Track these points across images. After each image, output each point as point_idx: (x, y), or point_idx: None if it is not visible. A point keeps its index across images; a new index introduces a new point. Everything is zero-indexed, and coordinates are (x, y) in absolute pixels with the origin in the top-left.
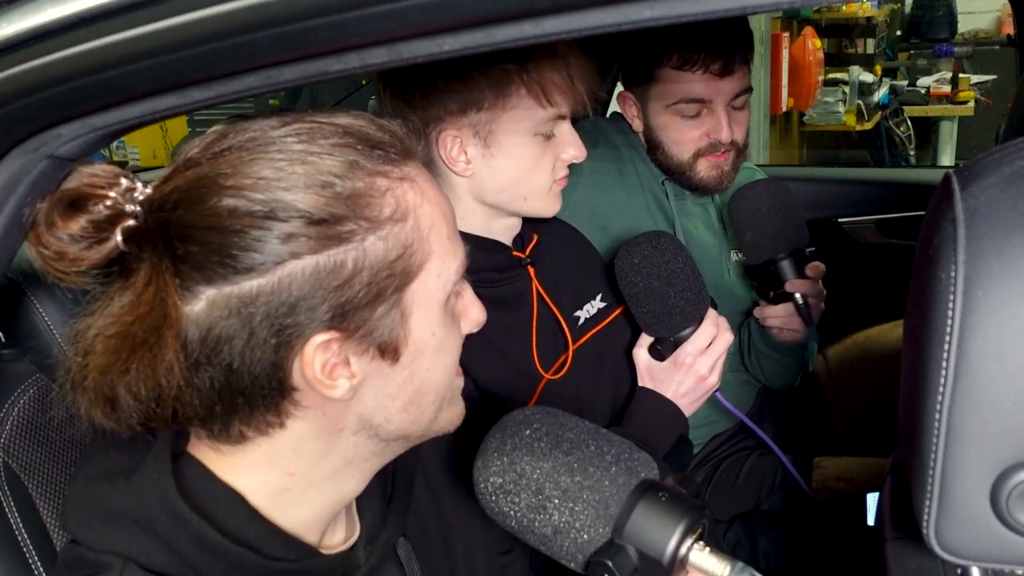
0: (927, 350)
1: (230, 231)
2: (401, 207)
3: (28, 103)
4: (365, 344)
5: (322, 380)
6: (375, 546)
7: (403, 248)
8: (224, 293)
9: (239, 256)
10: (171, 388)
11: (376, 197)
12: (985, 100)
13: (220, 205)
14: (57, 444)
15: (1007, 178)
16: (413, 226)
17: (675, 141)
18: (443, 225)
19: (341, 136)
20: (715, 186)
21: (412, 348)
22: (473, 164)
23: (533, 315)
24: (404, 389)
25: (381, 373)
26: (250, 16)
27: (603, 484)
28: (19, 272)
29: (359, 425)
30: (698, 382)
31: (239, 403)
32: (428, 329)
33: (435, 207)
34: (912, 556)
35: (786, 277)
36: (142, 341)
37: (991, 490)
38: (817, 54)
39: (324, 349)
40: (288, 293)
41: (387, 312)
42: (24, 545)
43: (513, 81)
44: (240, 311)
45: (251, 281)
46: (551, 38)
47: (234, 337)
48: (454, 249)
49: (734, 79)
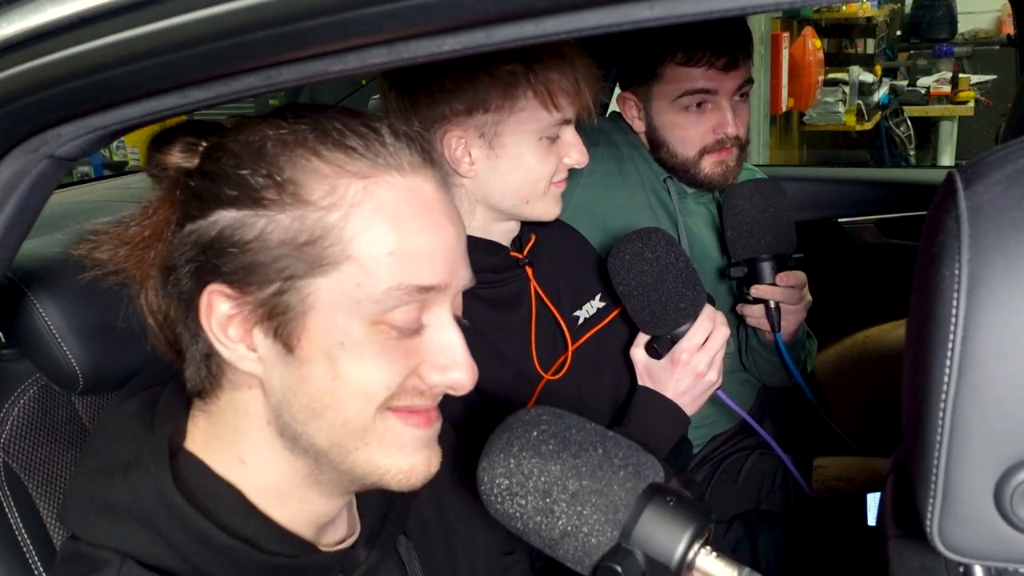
0: (931, 348)
1: (205, 174)
2: (334, 197)
3: (28, 103)
4: (260, 315)
5: (218, 335)
6: (375, 544)
7: (318, 235)
8: (185, 229)
9: (201, 198)
10: (152, 306)
11: (312, 179)
12: (985, 100)
13: (214, 150)
14: (57, 444)
15: (1011, 176)
16: (338, 220)
17: (680, 139)
18: (388, 238)
19: (340, 125)
20: (720, 182)
21: (311, 345)
22: (477, 166)
23: (532, 315)
24: (303, 388)
25: (282, 360)
26: (250, 16)
27: (612, 488)
28: (19, 272)
29: (277, 421)
30: (696, 379)
31: (187, 341)
32: (333, 335)
33: (386, 216)
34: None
35: (762, 280)
36: (135, 256)
37: (995, 488)
38: (817, 54)
39: (219, 300)
40: (208, 236)
41: (285, 291)
42: (24, 545)
43: (521, 84)
44: (184, 242)
45: (197, 222)
46: (551, 38)
47: (177, 264)
48: (395, 271)
49: (738, 72)
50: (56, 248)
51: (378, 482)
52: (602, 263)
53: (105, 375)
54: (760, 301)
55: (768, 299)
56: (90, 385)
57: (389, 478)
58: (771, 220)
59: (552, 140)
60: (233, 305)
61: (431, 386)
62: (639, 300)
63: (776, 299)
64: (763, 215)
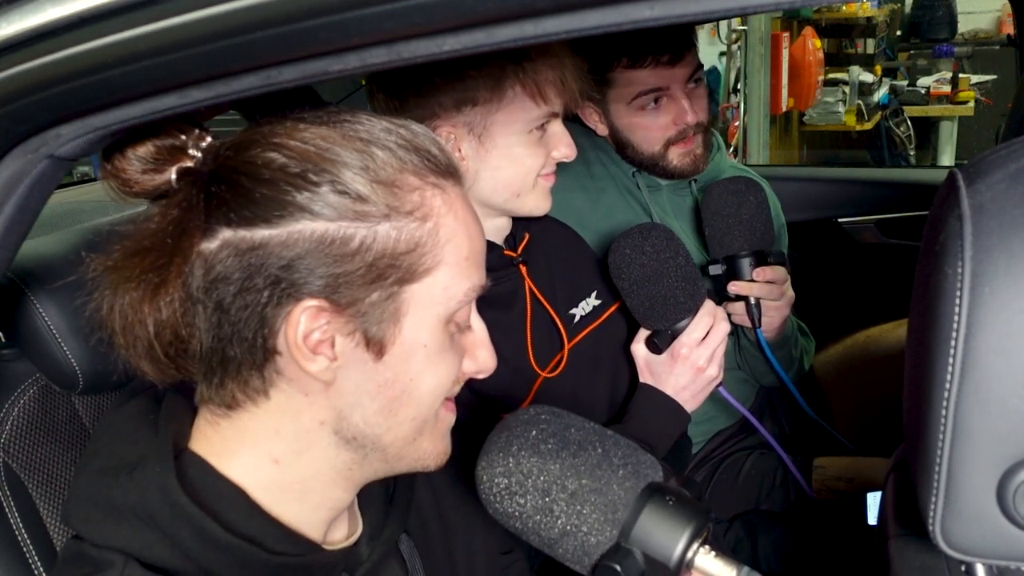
0: (933, 346)
1: (260, 179)
2: (424, 208)
3: (28, 103)
4: (353, 326)
5: (302, 348)
6: (377, 542)
7: (414, 245)
8: (238, 236)
9: (261, 204)
10: (169, 319)
11: (404, 191)
12: (985, 100)
13: (261, 155)
14: (57, 444)
15: (1013, 175)
16: (431, 230)
17: (643, 137)
18: (464, 244)
19: (399, 138)
20: (691, 170)
21: (399, 349)
22: (467, 161)
23: (527, 314)
24: (383, 391)
25: (364, 366)
26: (250, 16)
27: (611, 487)
28: (19, 272)
29: (337, 422)
30: (696, 374)
31: (227, 353)
32: (420, 337)
33: (461, 224)
34: (916, 553)
35: (740, 276)
36: (152, 262)
37: (997, 486)
38: (817, 54)
39: (312, 316)
40: (292, 249)
41: (381, 301)
42: (24, 545)
43: (509, 78)
44: (244, 254)
45: (264, 231)
46: (551, 38)
47: (231, 278)
48: (469, 273)
49: (686, 63)
50: (56, 248)
51: (418, 466)
52: (597, 261)
53: (105, 375)
54: (741, 298)
55: (747, 295)
56: (90, 385)
57: (430, 460)
58: (748, 217)
59: (540, 134)
60: (324, 318)
61: (464, 373)
62: (639, 295)
63: (755, 295)
64: (739, 212)
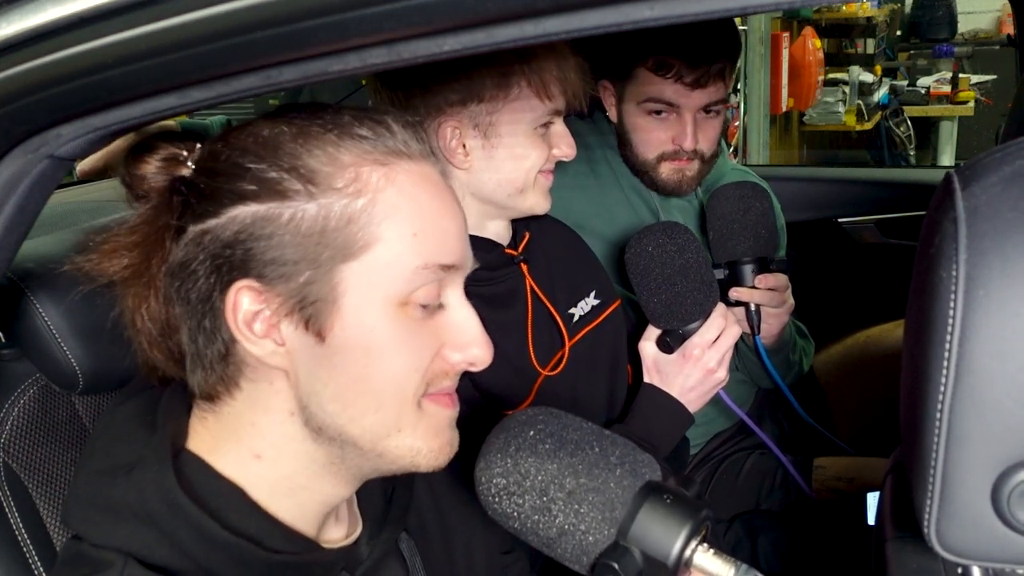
0: (928, 349)
1: (214, 173)
2: (358, 184)
3: (28, 103)
4: (290, 307)
5: (244, 332)
6: (377, 542)
7: (346, 221)
8: (195, 230)
9: (209, 197)
10: (152, 314)
11: (336, 168)
12: (985, 100)
13: (218, 150)
14: (57, 444)
15: (1008, 177)
16: (364, 205)
17: (642, 141)
18: (412, 219)
19: (350, 123)
20: (674, 189)
21: (344, 333)
22: (471, 156)
23: (528, 312)
24: (334, 378)
25: (312, 351)
26: (250, 16)
27: (608, 486)
28: (19, 272)
29: (303, 412)
30: (706, 375)
31: (198, 344)
32: (366, 320)
33: (406, 199)
34: (913, 555)
35: (742, 283)
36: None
37: (992, 489)
38: (817, 54)
39: (249, 299)
40: (229, 231)
41: (315, 280)
42: (24, 545)
43: (515, 74)
44: (198, 243)
45: (211, 221)
46: (551, 38)
47: (188, 270)
48: (420, 250)
49: (706, 92)
50: (56, 248)
51: (408, 465)
52: (596, 261)
53: (105, 375)
54: (741, 304)
55: (748, 302)
56: (90, 385)
57: (420, 459)
58: (753, 223)
59: (544, 131)
60: (261, 300)
61: (453, 365)
62: (655, 293)
63: (755, 302)
64: (744, 218)
